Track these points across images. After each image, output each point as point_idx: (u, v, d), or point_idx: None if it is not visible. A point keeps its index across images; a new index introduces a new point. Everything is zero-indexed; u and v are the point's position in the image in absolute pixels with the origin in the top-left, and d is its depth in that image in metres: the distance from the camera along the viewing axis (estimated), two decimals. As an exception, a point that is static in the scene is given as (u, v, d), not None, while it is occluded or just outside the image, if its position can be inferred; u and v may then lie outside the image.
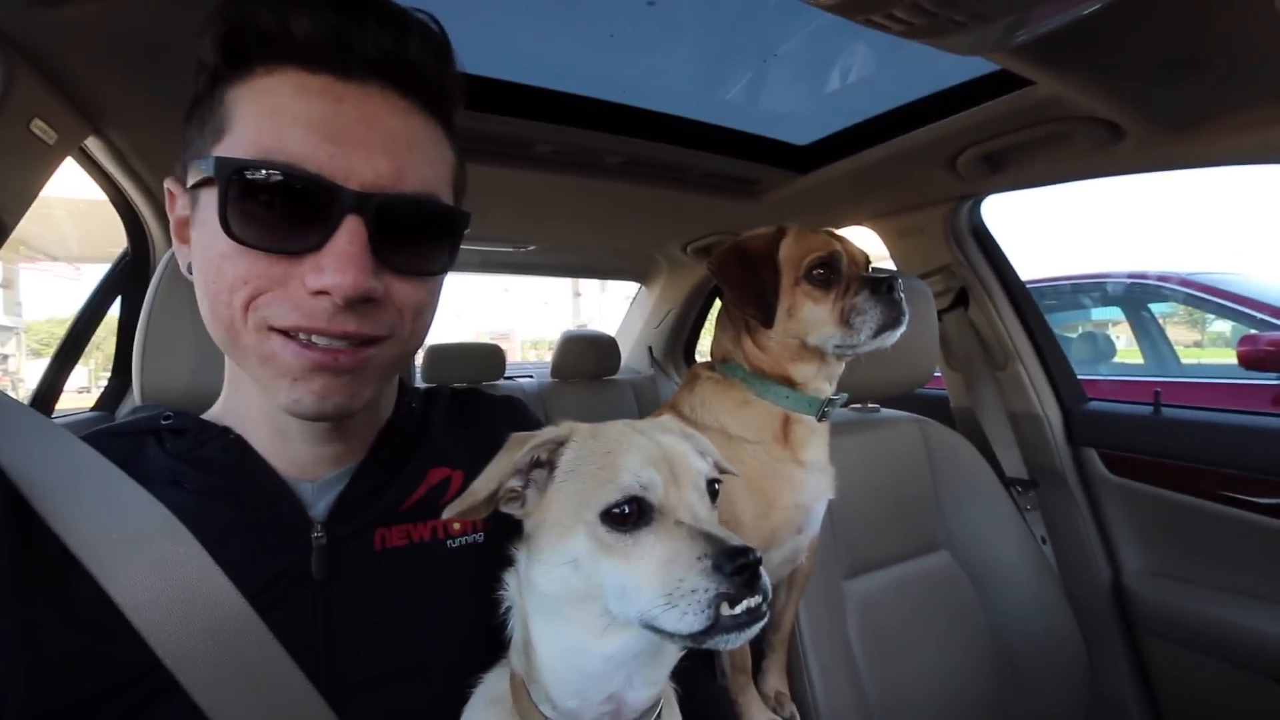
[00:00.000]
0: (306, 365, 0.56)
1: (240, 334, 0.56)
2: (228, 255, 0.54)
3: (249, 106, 0.54)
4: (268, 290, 0.54)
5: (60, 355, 1.72)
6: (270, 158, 0.52)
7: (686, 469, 0.55)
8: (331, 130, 0.53)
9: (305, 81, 0.54)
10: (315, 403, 0.57)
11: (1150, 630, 1.62)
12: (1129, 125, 1.18)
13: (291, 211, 0.53)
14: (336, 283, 0.53)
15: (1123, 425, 1.72)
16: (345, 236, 0.53)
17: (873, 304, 1.03)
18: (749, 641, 1.09)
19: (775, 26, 1.31)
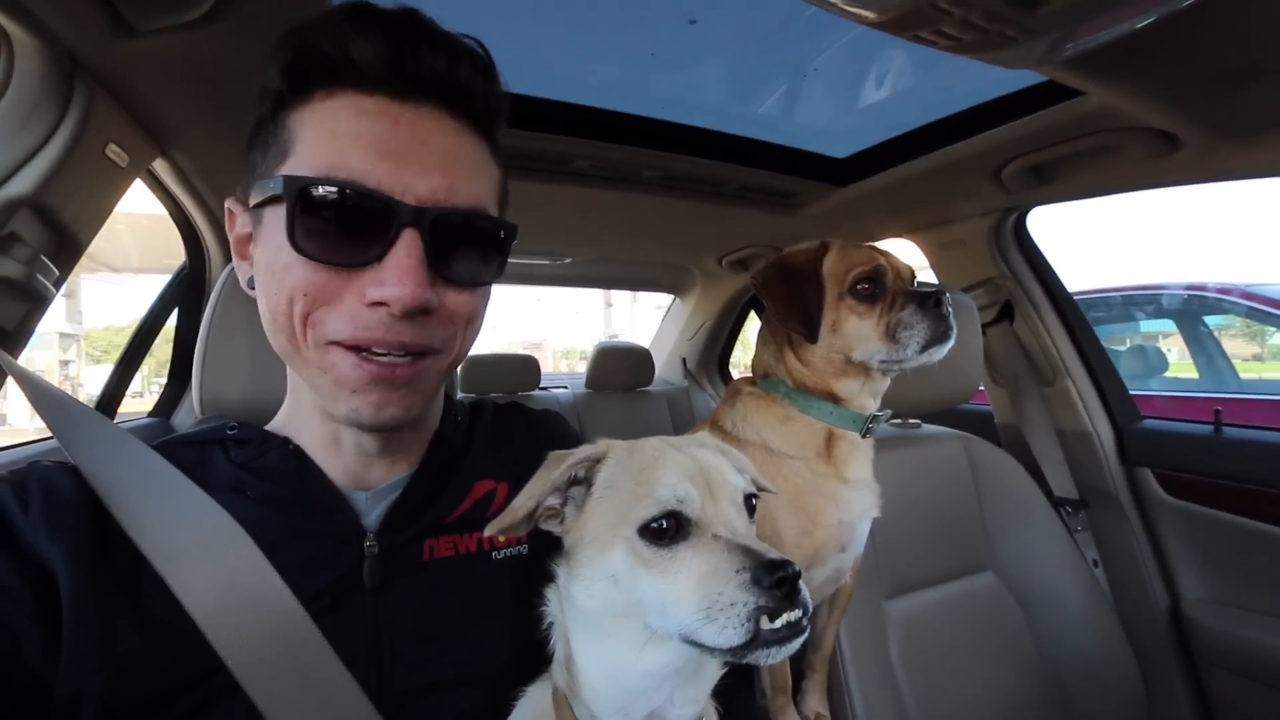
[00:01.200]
0: (364, 378, 0.58)
1: (301, 345, 0.58)
2: (290, 267, 0.56)
3: (310, 129, 0.57)
4: (325, 303, 0.57)
5: (123, 362, 1.80)
6: (333, 175, 0.55)
7: (723, 484, 0.55)
8: (388, 148, 0.56)
9: (362, 104, 0.57)
10: (373, 414, 0.59)
11: (1211, 660, 1.54)
12: (1185, 135, 1.14)
13: (352, 226, 0.55)
14: (396, 294, 0.55)
15: (1181, 445, 1.65)
16: (403, 249, 0.56)
17: (920, 318, 1.01)
18: (789, 661, 1.09)
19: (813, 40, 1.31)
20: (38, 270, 0.85)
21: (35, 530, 0.53)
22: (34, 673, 0.49)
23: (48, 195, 0.84)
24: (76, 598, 0.51)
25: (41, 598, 0.51)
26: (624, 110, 1.41)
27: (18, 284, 0.82)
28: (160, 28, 0.79)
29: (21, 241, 0.83)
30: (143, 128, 1.03)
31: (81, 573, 0.52)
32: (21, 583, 0.51)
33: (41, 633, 0.50)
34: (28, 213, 0.83)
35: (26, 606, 0.50)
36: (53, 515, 0.54)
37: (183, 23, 0.79)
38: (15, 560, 0.51)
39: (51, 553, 0.52)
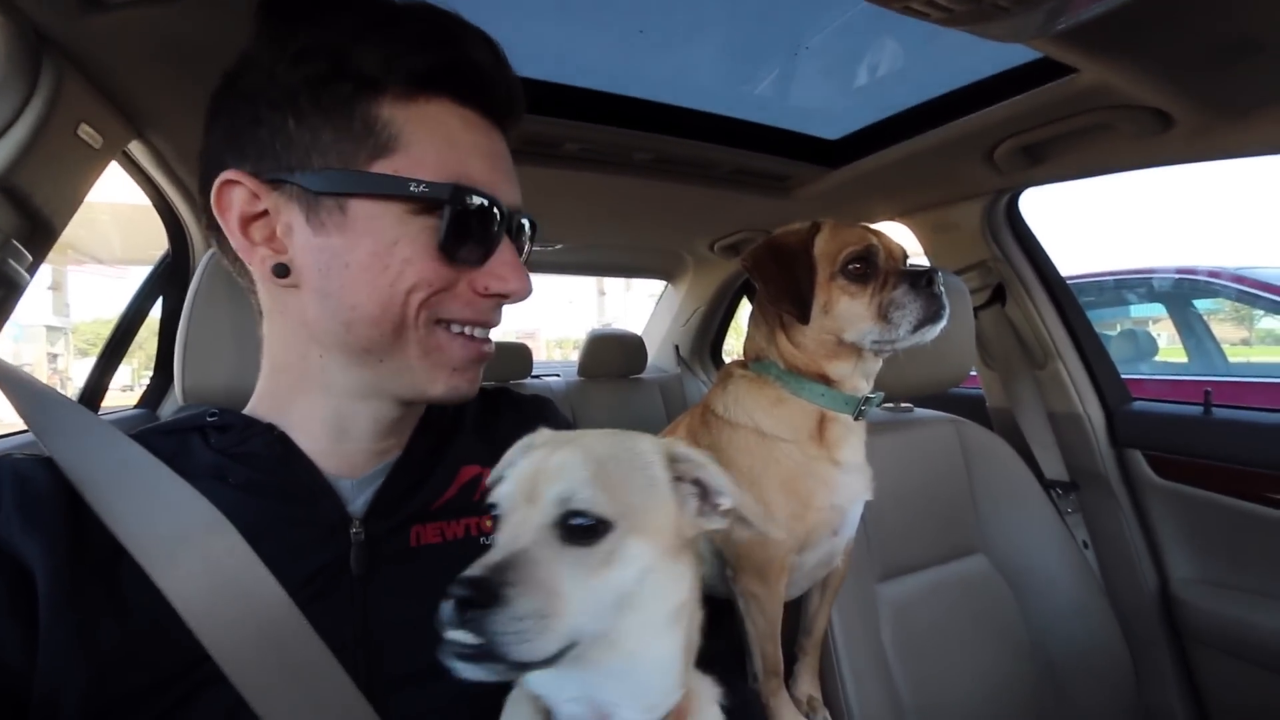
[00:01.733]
0: (471, 356, 0.66)
1: (408, 329, 0.61)
2: (413, 261, 0.60)
3: (425, 132, 0.60)
4: (440, 290, 0.62)
5: (105, 354, 1.78)
6: (462, 183, 0.60)
7: (541, 493, 0.50)
8: (493, 161, 0.64)
9: (465, 115, 0.62)
10: (469, 389, 0.68)
11: (1200, 640, 1.56)
12: (1178, 113, 1.14)
13: (482, 230, 0.62)
14: (517, 288, 0.65)
15: (1170, 426, 1.66)
16: (508, 250, 0.65)
17: (912, 298, 1.00)
18: (782, 644, 1.09)
19: (806, 19, 1.29)
20: (9, 255, 0.82)
21: (9, 525, 0.52)
22: (12, 670, 0.48)
23: (17, 177, 0.81)
24: (54, 592, 0.50)
25: (17, 593, 0.50)
26: (613, 91, 1.39)
27: (-12, 270, 0.80)
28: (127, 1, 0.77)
29: (-9, 226, 0.81)
30: (116, 108, 1.00)
31: (59, 567, 0.51)
32: None
33: (18, 629, 0.49)
34: (-4, 196, 0.81)
35: (3, 602, 0.49)
36: (27, 509, 0.53)
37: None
38: None
39: (27, 547, 0.51)
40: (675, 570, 0.53)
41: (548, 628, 0.44)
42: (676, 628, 0.53)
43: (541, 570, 0.46)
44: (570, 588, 0.46)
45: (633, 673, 0.52)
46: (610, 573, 0.48)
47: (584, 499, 0.48)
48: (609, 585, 0.48)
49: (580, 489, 0.48)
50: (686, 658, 0.55)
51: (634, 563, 0.49)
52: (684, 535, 0.54)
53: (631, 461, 0.53)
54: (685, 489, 0.55)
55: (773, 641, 1.08)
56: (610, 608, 0.48)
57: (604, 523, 0.48)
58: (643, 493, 0.52)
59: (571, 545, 0.47)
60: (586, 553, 0.47)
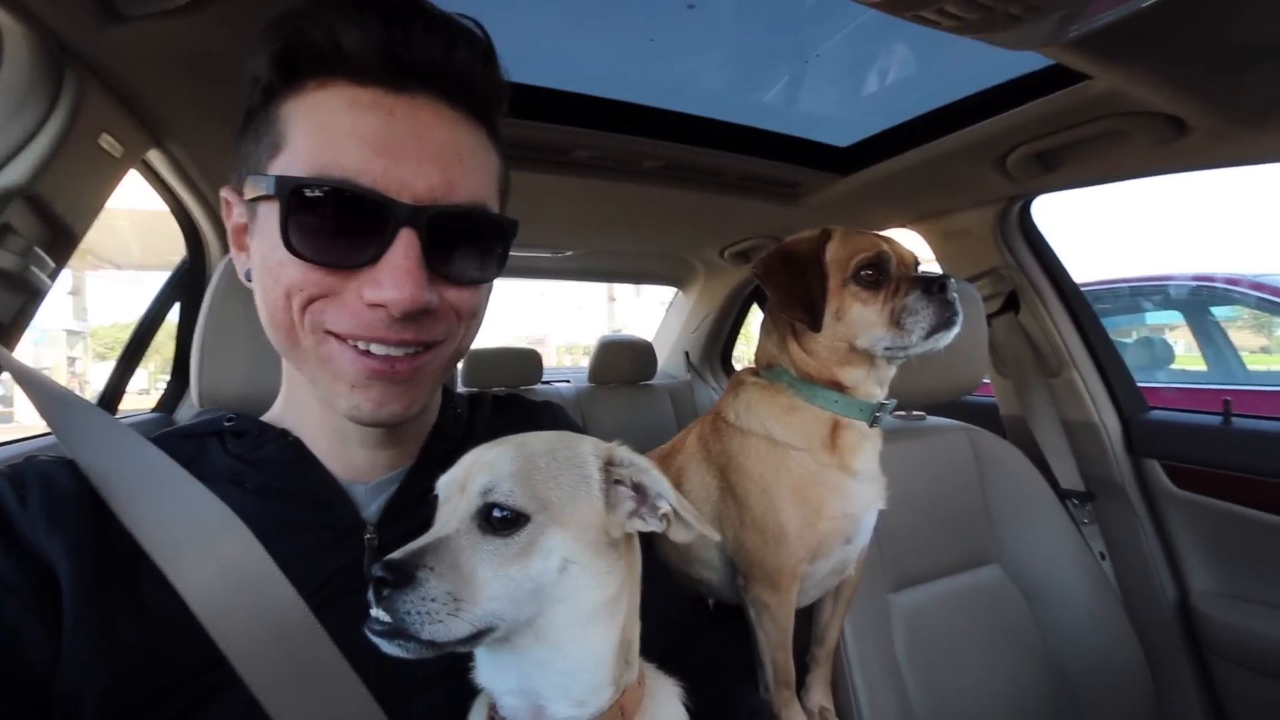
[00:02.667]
0: (363, 373, 0.58)
1: (299, 338, 0.58)
2: (285, 264, 0.56)
3: (303, 122, 0.55)
4: (324, 297, 0.56)
5: (124, 358, 1.80)
6: (326, 174, 0.53)
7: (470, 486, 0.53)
8: (384, 144, 0.54)
9: (357, 95, 0.55)
10: (373, 410, 0.59)
11: (1220, 654, 1.52)
12: (1194, 120, 1.12)
13: (348, 226, 0.54)
14: (394, 297, 0.54)
15: (1189, 436, 1.63)
16: (400, 250, 0.55)
17: (924, 304, 0.99)
18: (794, 655, 1.08)
19: (815, 26, 1.29)
20: (32, 262, 0.84)
21: (34, 525, 0.53)
22: (35, 668, 0.49)
23: (41, 186, 0.83)
24: (77, 592, 0.51)
25: (41, 592, 0.50)
26: (623, 99, 1.40)
27: (12, 276, 0.82)
28: (148, 13, 0.78)
29: (15, 233, 0.82)
30: (136, 118, 1.03)
31: (81, 566, 0.52)
32: (21, 577, 0.50)
33: (42, 627, 0.50)
34: (21, 204, 0.82)
35: (27, 601, 0.50)
36: (51, 509, 0.54)
37: (170, 8, 0.78)
38: (15, 555, 0.51)
39: (51, 547, 0.52)
40: (601, 565, 0.54)
41: (459, 610, 0.46)
42: (607, 623, 0.54)
43: (461, 556, 0.49)
44: (485, 574, 0.48)
45: (561, 664, 0.53)
46: (529, 562, 0.50)
47: (503, 492, 0.50)
48: (527, 574, 0.50)
49: (501, 482, 0.51)
50: (621, 656, 0.55)
51: (553, 554, 0.51)
52: (611, 533, 0.55)
53: (565, 459, 0.55)
54: (622, 491, 0.57)
55: (784, 651, 1.07)
56: (528, 595, 0.50)
57: (522, 515, 0.50)
58: (570, 489, 0.54)
59: (491, 535, 0.50)
60: (503, 543, 0.50)
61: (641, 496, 0.57)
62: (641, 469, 0.57)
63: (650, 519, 0.57)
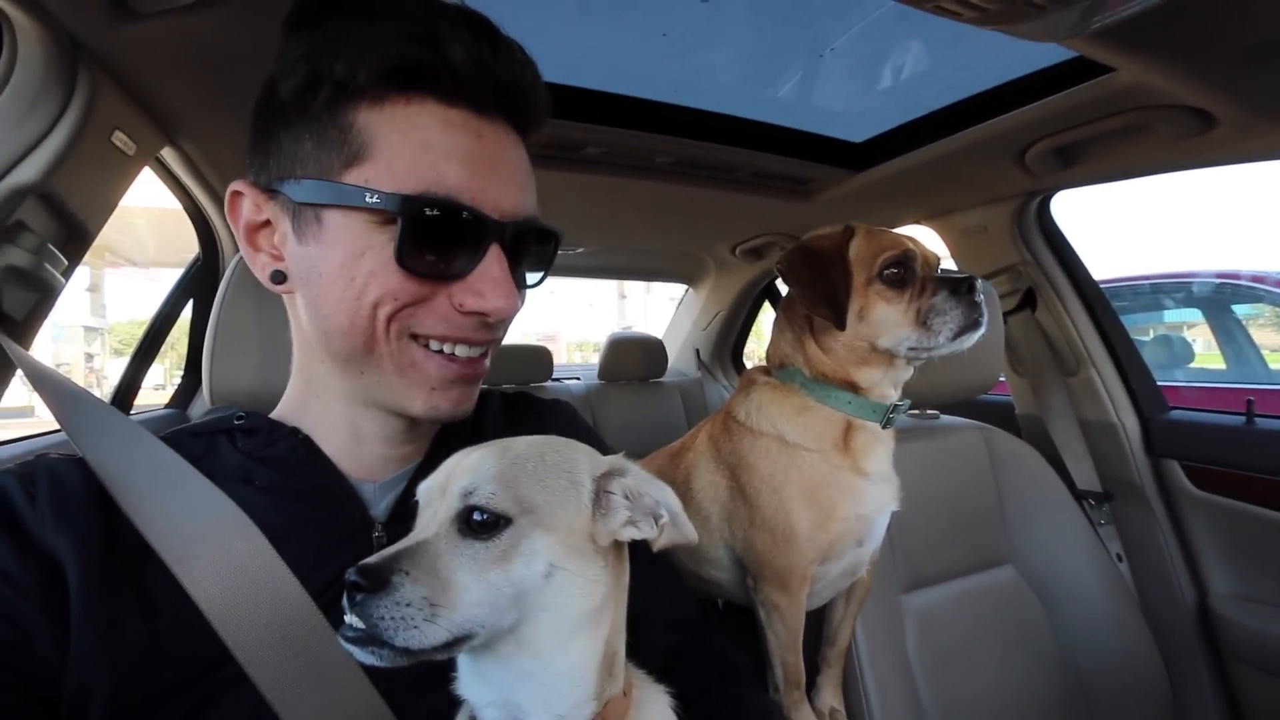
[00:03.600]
0: (449, 376, 0.62)
1: (379, 344, 0.60)
2: (378, 274, 0.57)
3: (397, 137, 0.56)
4: (410, 304, 0.59)
5: (138, 354, 1.82)
6: (432, 191, 0.56)
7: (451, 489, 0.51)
8: (478, 165, 0.58)
9: (448, 115, 0.58)
10: (451, 409, 0.63)
11: (1240, 658, 1.50)
12: (1221, 113, 1.09)
13: (451, 240, 0.58)
14: (496, 306, 0.59)
15: (1210, 436, 1.60)
16: (495, 263, 0.60)
17: (953, 304, 0.97)
18: (804, 655, 1.07)
19: (830, 20, 1.27)
20: (46, 259, 0.84)
21: (43, 522, 0.53)
22: (43, 665, 0.49)
23: (54, 183, 0.83)
24: (85, 590, 0.51)
25: (50, 590, 0.50)
26: (636, 95, 1.39)
27: (26, 273, 0.82)
28: (160, 10, 0.78)
29: (29, 230, 0.82)
30: (149, 115, 1.03)
31: (89, 564, 0.52)
32: (29, 575, 0.50)
33: (50, 625, 0.50)
34: (34, 201, 0.82)
35: (35, 599, 0.50)
36: (60, 507, 0.54)
37: (183, 5, 0.78)
38: (23, 552, 0.51)
39: (59, 545, 0.52)
40: (587, 572, 0.52)
41: (435, 616, 0.45)
42: (592, 634, 0.53)
43: (439, 561, 0.47)
44: (464, 579, 0.47)
45: (542, 675, 0.52)
46: (510, 566, 0.48)
47: (484, 494, 0.49)
48: (508, 578, 0.48)
49: (483, 484, 0.49)
50: (605, 668, 0.54)
51: (537, 558, 0.49)
52: (599, 541, 0.53)
53: (554, 464, 0.54)
54: (616, 500, 0.55)
55: (794, 652, 1.06)
56: (509, 601, 0.48)
57: (503, 518, 0.49)
58: (558, 493, 0.52)
59: (471, 538, 0.49)
60: (483, 546, 0.48)
61: (636, 505, 0.56)
62: (648, 483, 0.56)
63: (645, 527, 0.55)
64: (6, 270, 0.79)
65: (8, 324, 0.83)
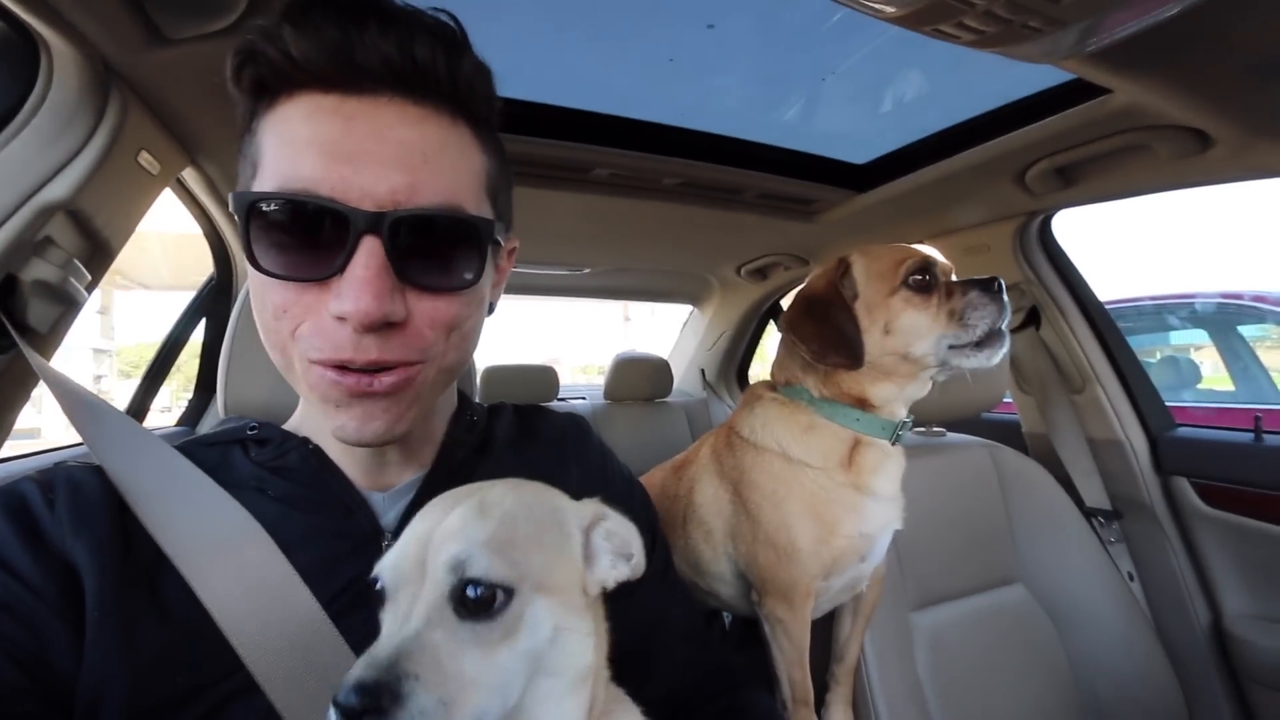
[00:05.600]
0: (344, 393, 0.55)
1: (292, 360, 0.57)
2: (267, 284, 0.55)
3: (272, 137, 0.54)
4: (303, 319, 0.54)
5: (150, 375, 1.84)
6: (287, 186, 0.52)
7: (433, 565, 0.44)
8: (342, 150, 0.52)
9: (318, 103, 0.53)
10: (357, 429, 0.57)
11: (1257, 679, 1.47)
12: (1218, 132, 1.11)
13: (311, 238, 0.52)
14: (352, 309, 0.51)
15: (1219, 453, 1.59)
16: (361, 260, 0.52)
17: (987, 300, 0.99)
18: (812, 673, 1.06)
19: (834, 45, 1.30)
20: (71, 274, 0.87)
21: (60, 527, 0.53)
22: (58, 670, 0.49)
23: (82, 201, 0.86)
24: (100, 595, 0.51)
25: (66, 594, 0.51)
26: (643, 118, 1.42)
27: (53, 287, 0.84)
28: (191, 36, 0.81)
29: (56, 245, 0.85)
30: (173, 136, 1.06)
31: (106, 570, 0.52)
32: (47, 579, 0.51)
33: (66, 629, 0.50)
34: (63, 218, 0.85)
35: (51, 603, 0.50)
36: (78, 513, 0.54)
37: (212, 32, 0.81)
38: (41, 557, 0.52)
39: (76, 550, 0.52)
40: (584, 627, 0.49)
41: (450, 716, 0.39)
42: (586, 686, 0.49)
43: (442, 653, 0.40)
44: (475, 670, 0.41)
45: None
46: (516, 641, 0.44)
47: (480, 566, 0.43)
48: (517, 654, 0.43)
49: (475, 555, 0.43)
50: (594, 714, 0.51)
51: (542, 626, 0.45)
52: (590, 591, 0.51)
53: (544, 518, 0.50)
54: (601, 546, 0.53)
55: (800, 668, 1.05)
56: (521, 678, 0.44)
57: (505, 589, 0.43)
58: (553, 551, 0.48)
59: (469, 620, 0.42)
60: (488, 627, 0.42)
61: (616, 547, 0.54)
62: (625, 524, 0.54)
63: (622, 566, 0.53)
64: (34, 284, 0.82)
65: (32, 336, 0.85)
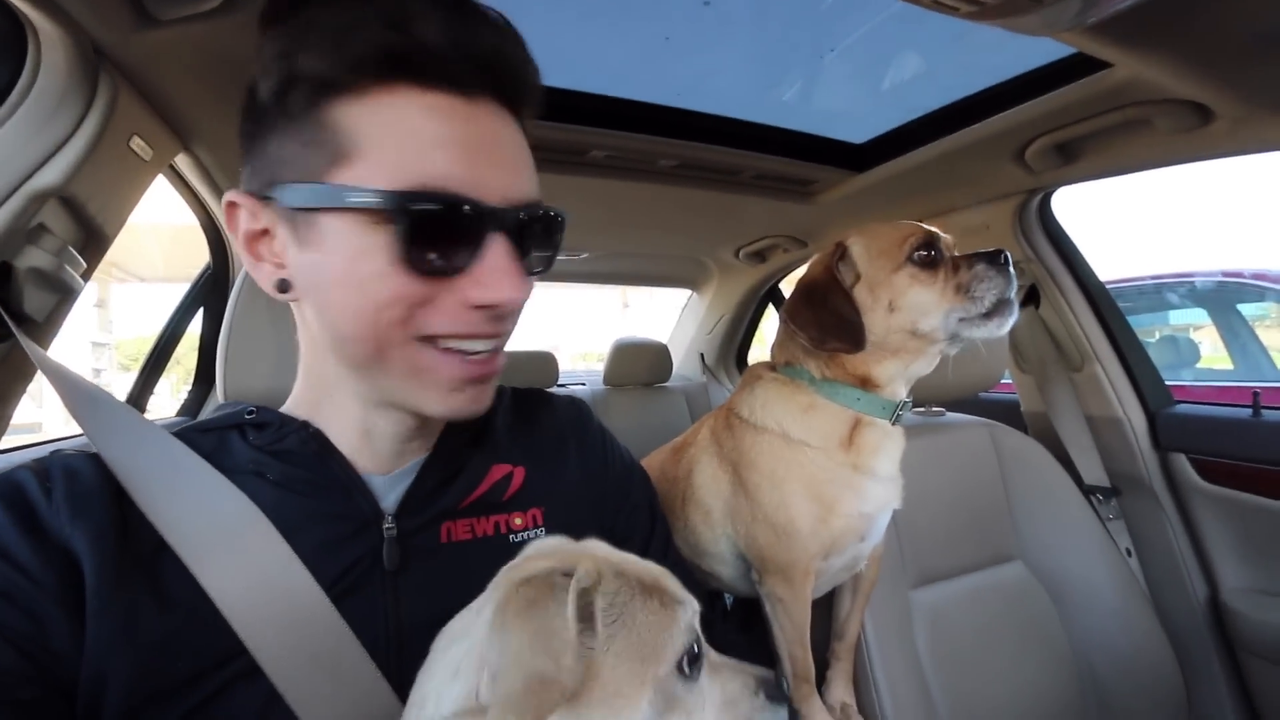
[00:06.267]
0: (465, 376, 0.60)
1: (389, 348, 0.57)
2: (382, 276, 0.54)
3: (381, 130, 0.53)
4: (420, 306, 0.56)
5: (148, 366, 1.84)
6: (425, 185, 0.53)
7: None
8: (472, 151, 0.55)
9: (430, 101, 0.54)
10: (470, 407, 0.62)
11: (1253, 651, 1.49)
12: (1219, 106, 1.10)
13: (451, 234, 0.55)
14: (504, 298, 0.57)
15: (1217, 429, 1.60)
16: (500, 253, 0.56)
17: (994, 272, 0.98)
18: (813, 650, 1.07)
19: (832, 22, 1.29)
20: (66, 261, 0.86)
21: (59, 516, 0.53)
22: (59, 658, 0.50)
23: (74, 187, 0.85)
24: (100, 583, 0.52)
25: (66, 583, 0.51)
26: (639, 98, 1.40)
27: (47, 275, 0.84)
28: (180, 17, 0.80)
29: (50, 233, 0.84)
30: (166, 122, 1.05)
31: (105, 558, 0.53)
32: (46, 568, 0.51)
33: (66, 618, 0.50)
34: (55, 204, 0.84)
35: (52, 592, 0.50)
36: (76, 501, 0.54)
37: (202, 12, 0.80)
38: (40, 546, 0.52)
39: (75, 538, 0.52)
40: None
41: None
42: None
43: None
44: None
45: None
46: None
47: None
48: None
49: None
50: None
51: None
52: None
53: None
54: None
55: (801, 646, 1.06)
56: None
57: None
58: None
59: None
60: None
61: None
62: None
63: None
64: (29, 272, 0.81)
65: (29, 325, 0.85)
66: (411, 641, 0.60)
